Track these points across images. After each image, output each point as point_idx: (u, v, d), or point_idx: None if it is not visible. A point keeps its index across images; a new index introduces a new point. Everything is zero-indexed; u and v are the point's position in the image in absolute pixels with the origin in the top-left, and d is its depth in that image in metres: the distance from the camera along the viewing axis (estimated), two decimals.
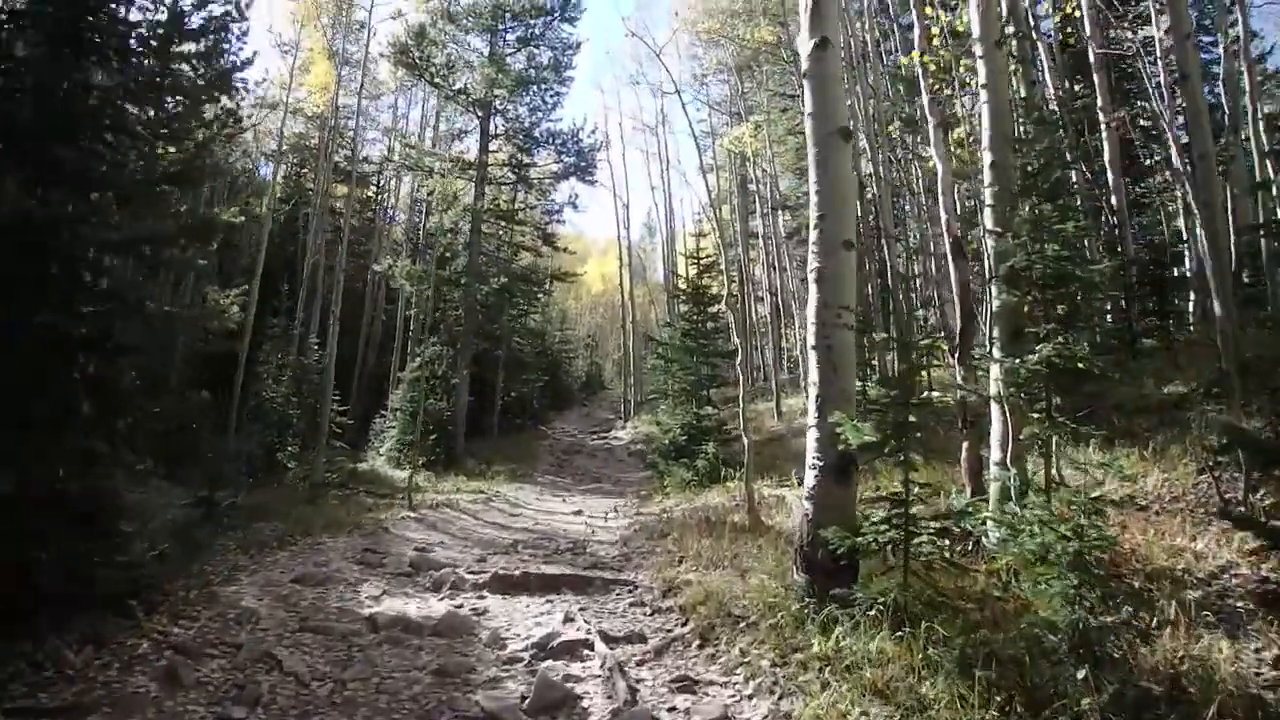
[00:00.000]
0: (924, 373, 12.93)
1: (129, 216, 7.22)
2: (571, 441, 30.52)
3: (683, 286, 17.50)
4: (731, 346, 15.30)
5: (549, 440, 29.66)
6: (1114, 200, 14.04)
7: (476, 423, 25.16)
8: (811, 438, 6.26)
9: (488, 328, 24.07)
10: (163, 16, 7.91)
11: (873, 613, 4.97)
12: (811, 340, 6.35)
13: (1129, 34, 15.04)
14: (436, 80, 21.67)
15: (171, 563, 7.70)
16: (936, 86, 9.57)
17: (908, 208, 23.23)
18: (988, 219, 7.23)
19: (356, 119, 22.68)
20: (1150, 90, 14.25)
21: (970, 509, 5.85)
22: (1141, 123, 18.34)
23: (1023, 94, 9.46)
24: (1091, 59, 14.26)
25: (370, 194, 37.65)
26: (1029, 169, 5.95)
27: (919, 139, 19.59)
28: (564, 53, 23.36)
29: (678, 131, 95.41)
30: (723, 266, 17.49)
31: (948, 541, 5.75)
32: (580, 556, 9.66)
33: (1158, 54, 13.75)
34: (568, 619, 6.71)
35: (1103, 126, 14.25)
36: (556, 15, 22.98)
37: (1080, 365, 5.31)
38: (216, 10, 8.54)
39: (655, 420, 29.04)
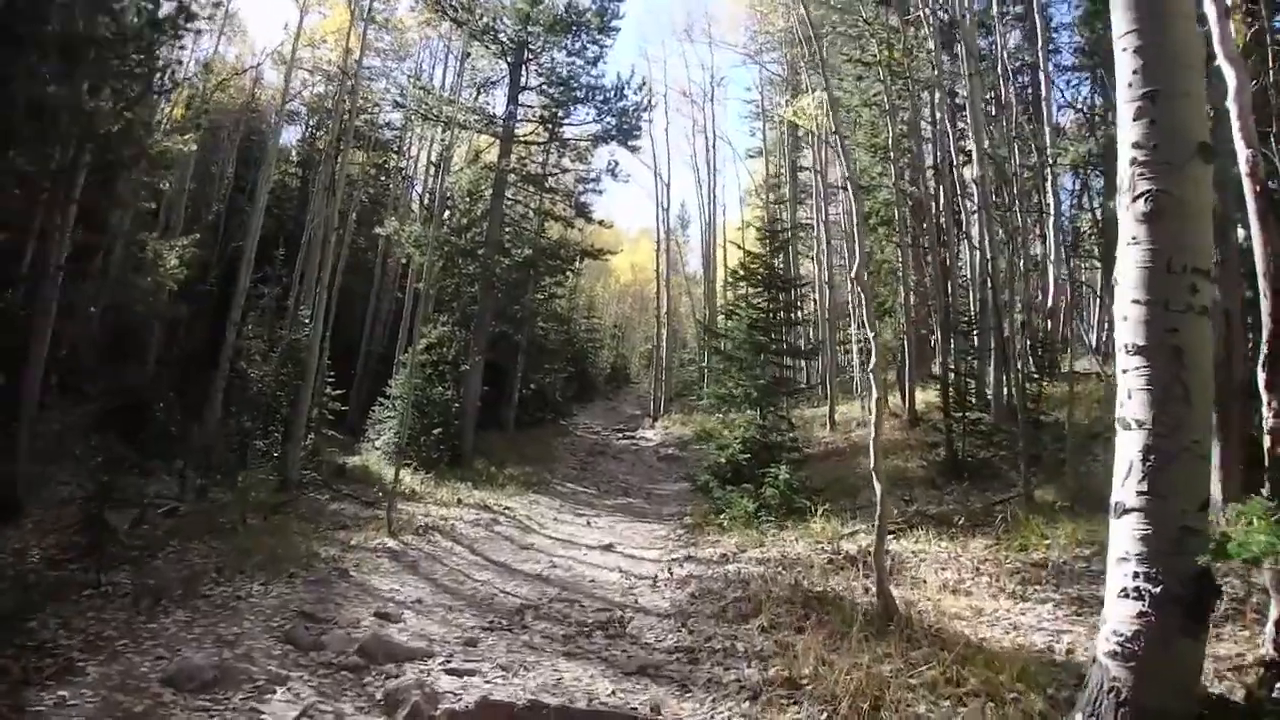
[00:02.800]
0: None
1: None
2: (595, 440, 27.46)
3: (749, 265, 14.10)
4: (809, 345, 12.09)
5: (571, 438, 26.60)
6: None
7: (490, 415, 22.07)
8: (1127, 529, 3.06)
9: (507, 308, 20.91)
10: None
11: None
12: (1131, 336, 3.16)
13: None
14: (460, 14, 18.48)
15: None
16: None
17: None
18: None
19: (360, 59, 19.35)
20: None
21: None
22: None
23: None
24: None
25: (387, 161, 34.97)
26: None
27: None
28: None
29: (729, 99, 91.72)
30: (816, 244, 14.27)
31: None
32: (619, 643, 6.45)
33: None
34: None
35: None
36: None
37: None
38: None
39: (704, 429, 25.93)
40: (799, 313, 14.90)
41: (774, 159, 36.15)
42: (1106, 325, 22.10)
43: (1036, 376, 14.16)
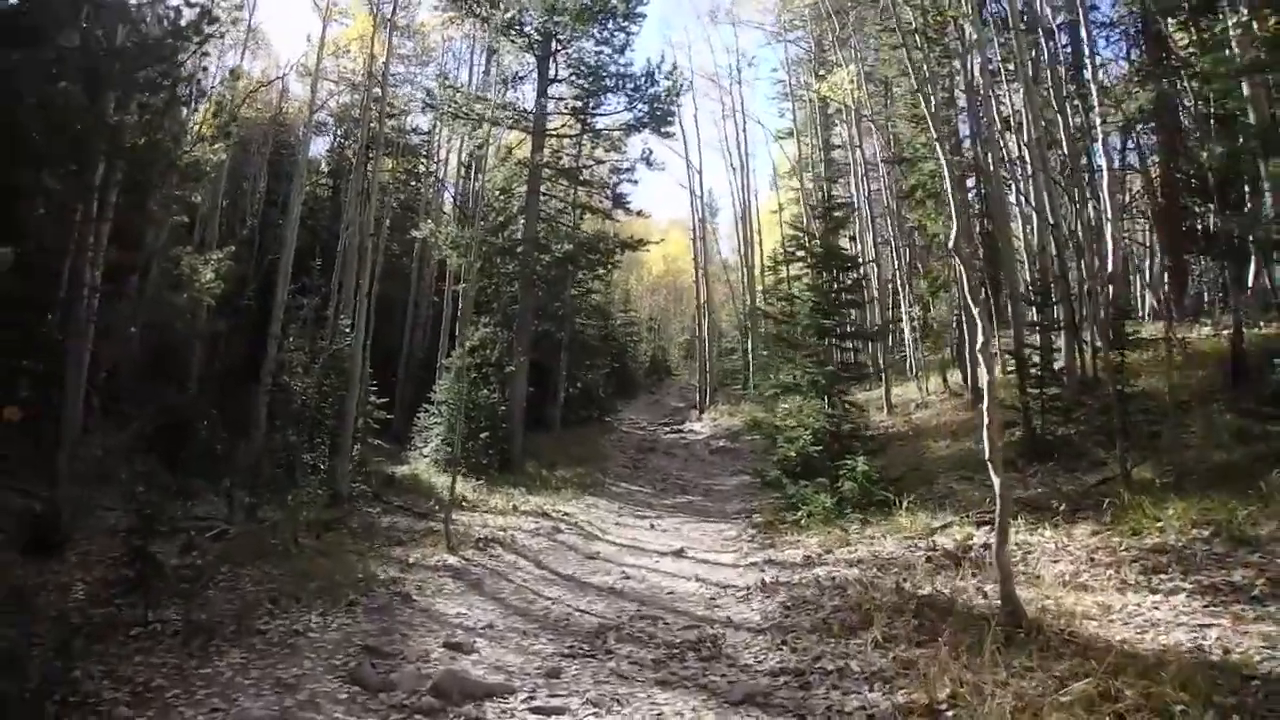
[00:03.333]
0: None
1: None
2: (642, 436, 26.91)
3: (806, 245, 13.34)
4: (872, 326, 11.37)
5: (617, 434, 26.08)
6: None
7: (536, 416, 21.58)
8: None
9: (549, 305, 20.37)
10: None
11: None
12: None
13: None
14: (483, 9, 17.93)
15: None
16: None
17: None
18: None
19: (386, 63, 18.93)
20: None
21: None
22: None
23: None
24: None
25: (418, 166, 34.60)
26: None
27: None
28: None
29: (758, 79, 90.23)
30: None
31: None
32: (715, 666, 5.81)
33: None
34: None
35: None
36: None
37: None
38: None
39: (754, 419, 25.26)
40: (863, 293, 14.09)
41: (805, 139, 35.25)
42: (1164, 287, 21.12)
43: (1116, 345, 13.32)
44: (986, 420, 6.10)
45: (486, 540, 10.19)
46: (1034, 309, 13.51)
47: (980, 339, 6.84)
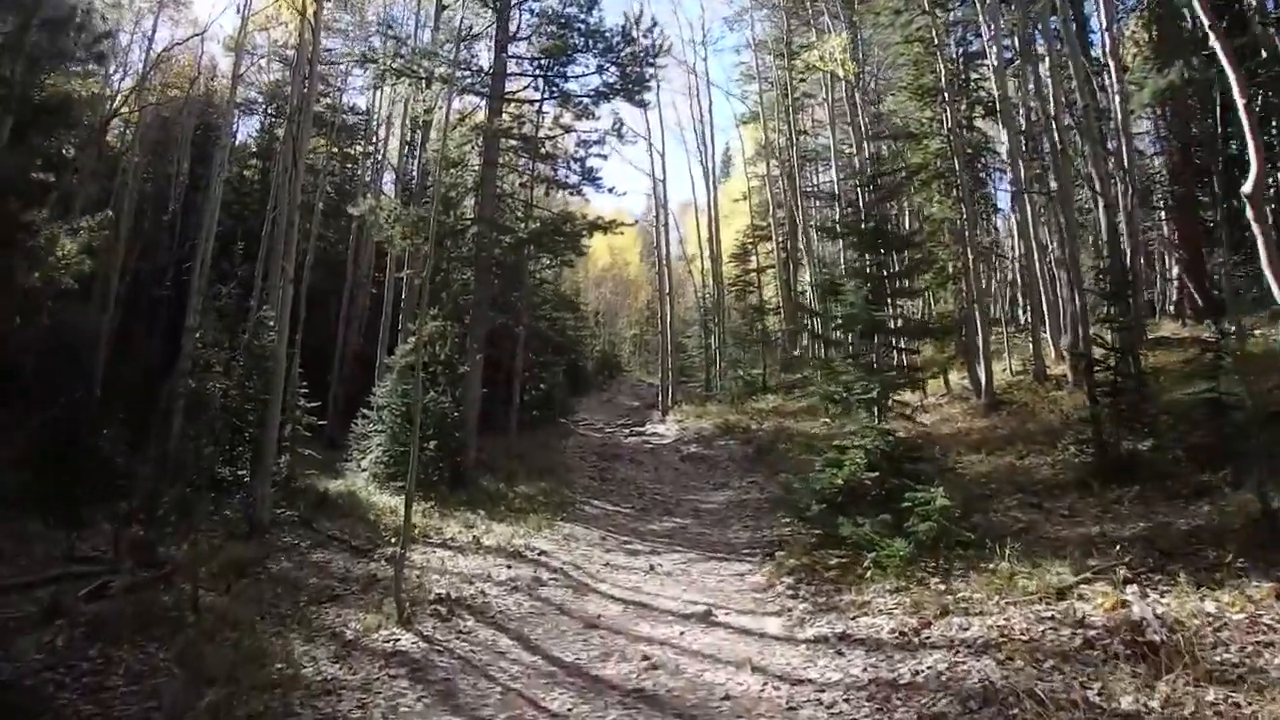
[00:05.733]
0: None
1: None
2: (603, 440, 24.45)
3: (851, 223, 10.75)
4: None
5: (575, 438, 23.59)
6: None
7: (490, 419, 19.01)
8: None
9: (506, 295, 17.78)
10: None
11: None
12: None
13: None
14: None
15: None
16: None
17: None
18: None
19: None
20: None
21: None
22: None
23: None
24: None
25: (355, 146, 31.96)
26: None
27: None
28: None
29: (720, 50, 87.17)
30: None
31: None
32: None
33: None
34: None
35: None
36: None
37: None
38: None
39: (726, 422, 23.00)
40: (917, 279, 11.76)
41: (771, 123, 33.19)
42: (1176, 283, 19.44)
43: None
44: None
45: (449, 603, 7.65)
46: (1106, 302, 11.42)
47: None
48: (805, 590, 8.04)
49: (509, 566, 9.38)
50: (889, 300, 9.42)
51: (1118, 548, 7.53)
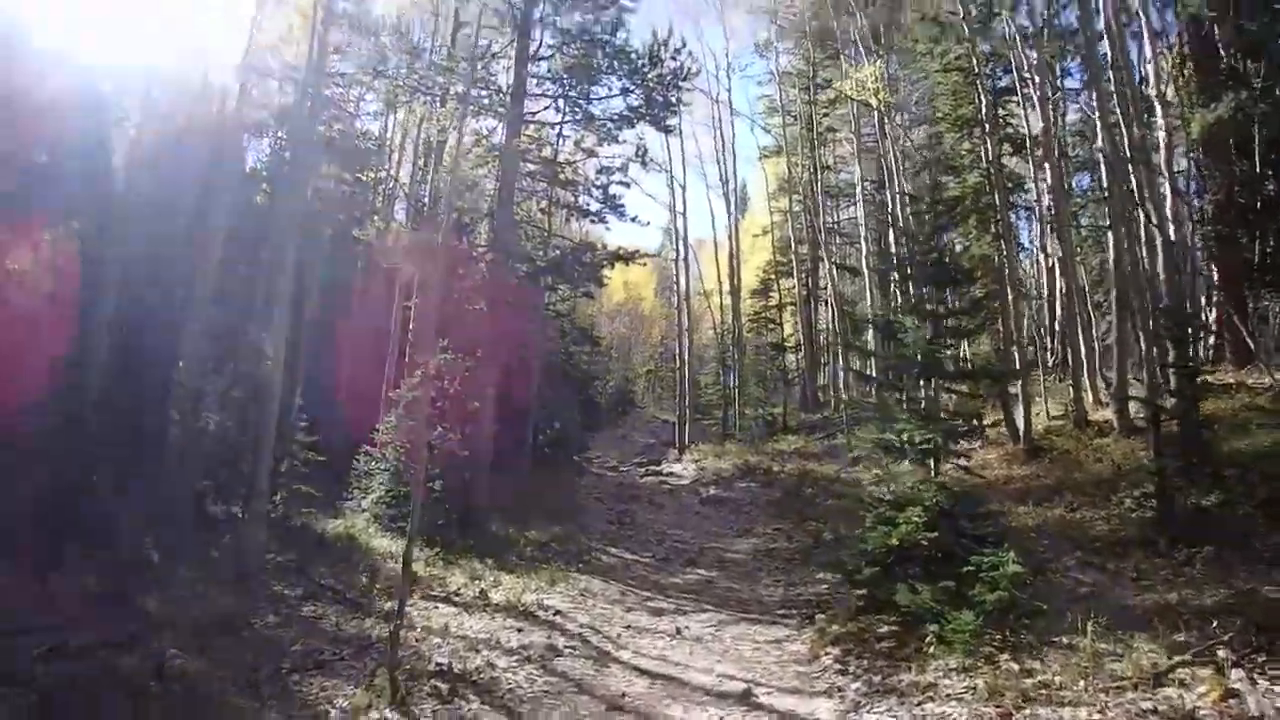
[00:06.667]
0: None
1: None
2: (618, 480, 23.51)
3: (912, 253, 9.56)
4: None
5: (589, 477, 22.63)
6: None
7: (501, 457, 18.01)
8: None
9: (521, 328, 16.91)
10: None
11: None
12: None
13: None
14: None
15: None
16: None
17: None
18: None
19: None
20: None
21: None
22: None
23: None
24: None
25: (367, 172, 31.35)
26: None
27: None
28: None
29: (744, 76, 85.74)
30: None
31: None
32: None
33: None
34: None
35: None
36: None
37: None
38: None
39: (746, 462, 22.06)
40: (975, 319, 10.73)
41: (794, 157, 32.48)
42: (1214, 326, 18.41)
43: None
44: None
45: (451, 676, 6.65)
46: (1171, 345, 10.48)
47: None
48: (856, 665, 7.04)
49: (520, 630, 8.38)
50: (945, 341, 8.47)
51: (1214, 623, 6.60)
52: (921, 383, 9.02)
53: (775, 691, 6.70)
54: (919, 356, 7.95)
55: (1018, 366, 15.29)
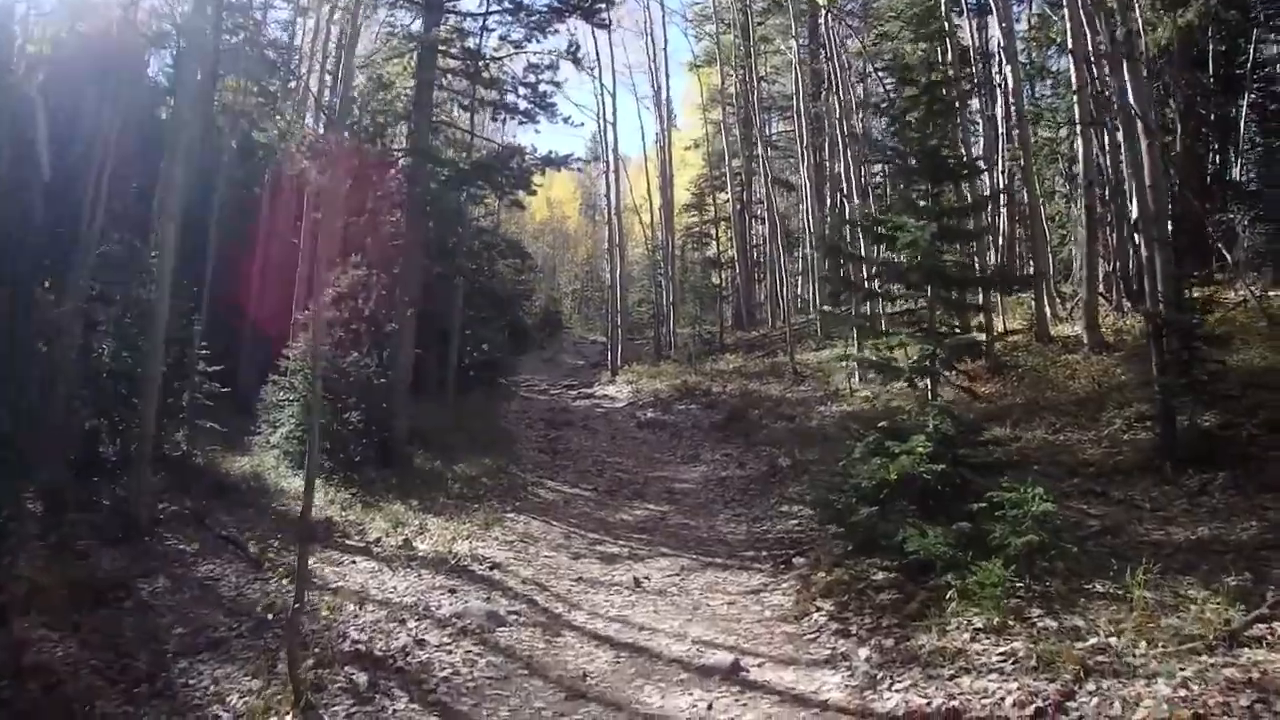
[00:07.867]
0: None
1: None
2: (548, 404, 22.36)
3: (904, 147, 8.19)
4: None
5: (519, 402, 21.38)
6: None
7: (423, 383, 16.56)
8: None
9: (442, 241, 15.33)
10: None
11: None
12: None
13: None
14: None
15: None
16: None
17: None
18: None
19: None
20: None
21: None
22: None
23: None
24: None
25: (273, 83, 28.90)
26: None
27: None
28: None
29: None
30: None
31: None
32: None
33: None
34: None
35: None
36: None
37: None
38: None
39: (685, 385, 21.00)
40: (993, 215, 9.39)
41: (728, 66, 31.00)
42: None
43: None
44: None
45: (370, 662, 5.35)
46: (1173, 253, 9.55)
47: None
48: (857, 624, 5.97)
49: (452, 591, 7.09)
50: (960, 239, 7.27)
51: (1268, 565, 5.75)
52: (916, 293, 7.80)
53: (768, 662, 5.58)
54: (919, 260, 6.74)
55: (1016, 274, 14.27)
